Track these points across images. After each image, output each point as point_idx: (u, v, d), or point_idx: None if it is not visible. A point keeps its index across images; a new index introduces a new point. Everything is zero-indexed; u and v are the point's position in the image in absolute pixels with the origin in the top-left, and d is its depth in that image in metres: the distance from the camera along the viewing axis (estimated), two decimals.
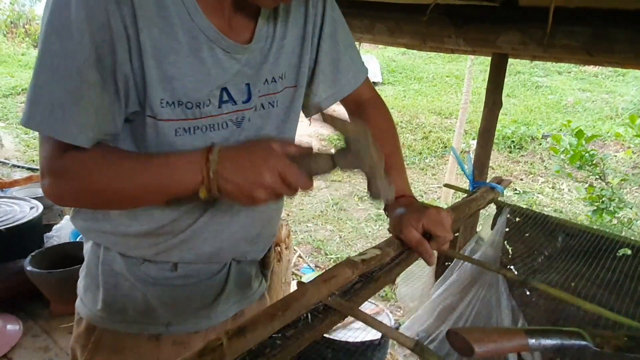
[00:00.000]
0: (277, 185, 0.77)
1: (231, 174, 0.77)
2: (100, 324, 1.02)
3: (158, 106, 0.82)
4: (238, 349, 0.72)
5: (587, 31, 1.30)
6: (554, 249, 1.42)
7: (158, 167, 0.81)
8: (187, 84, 0.82)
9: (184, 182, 0.79)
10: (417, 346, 0.79)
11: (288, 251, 3.08)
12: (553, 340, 0.79)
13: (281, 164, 0.78)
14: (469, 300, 1.65)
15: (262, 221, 1.08)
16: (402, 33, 1.68)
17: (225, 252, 1.04)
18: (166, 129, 0.84)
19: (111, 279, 1.00)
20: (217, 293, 1.06)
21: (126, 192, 0.82)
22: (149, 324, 1.01)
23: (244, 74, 0.90)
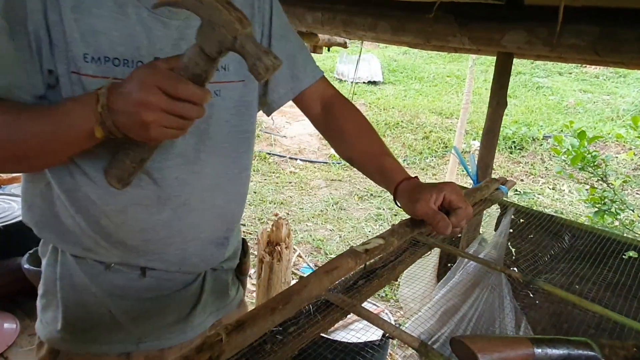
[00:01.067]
0: (163, 102, 0.69)
1: (119, 104, 0.71)
2: (62, 346, 0.94)
3: (81, 60, 0.79)
4: (238, 344, 0.70)
5: (594, 30, 1.28)
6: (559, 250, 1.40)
7: (52, 113, 0.76)
8: (113, 39, 0.80)
9: (78, 124, 0.74)
10: (422, 346, 0.78)
11: (288, 251, 3.06)
12: (560, 350, 0.77)
13: (159, 76, 0.70)
14: (471, 302, 1.64)
15: (226, 220, 1.04)
16: (406, 31, 1.66)
17: (194, 257, 0.99)
18: (92, 86, 0.79)
19: (72, 295, 0.93)
20: (192, 305, 1.02)
21: (24, 144, 0.76)
22: (118, 342, 0.95)
23: (178, 48, 0.85)
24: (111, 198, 0.87)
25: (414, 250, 1.13)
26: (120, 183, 0.85)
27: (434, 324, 1.66)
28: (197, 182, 0.94)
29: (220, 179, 0.99)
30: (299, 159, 7.08)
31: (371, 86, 10.52)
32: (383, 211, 5.59)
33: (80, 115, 0.73)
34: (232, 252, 1.10)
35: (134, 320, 0.95)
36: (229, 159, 0.99)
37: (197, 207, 0.96)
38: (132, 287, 0.94)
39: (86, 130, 0.74)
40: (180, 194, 0.92)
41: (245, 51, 0.70)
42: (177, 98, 0.70)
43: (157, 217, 0.91)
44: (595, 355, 0.77)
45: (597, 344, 0.79)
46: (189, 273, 1.00)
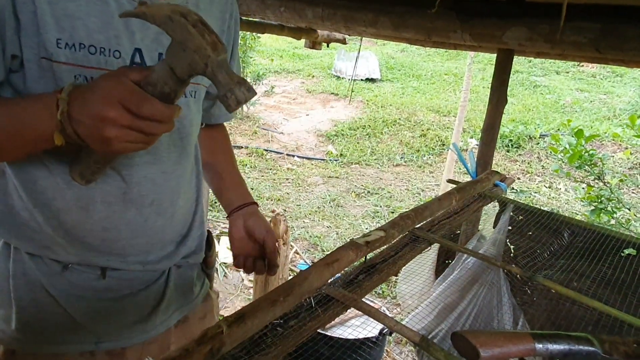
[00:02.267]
0: (125, 119, 0.65)
1: (79, 113, 0.67)
2: (17, 346, 0.91)
3: (54, 46, 0.74)
4: (238, 337, 0.70)
5: (596, 27, 1.28)
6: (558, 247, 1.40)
7: (14, 110, 0.72)
8: (90, 25, 0.76)
9: (37, 126, 0.70)
10: (422, 340, 0.78)
11: (285, 247, 3.06)
12: (560, 345, 0.77)
13: (124, 91, 0.65)
14: (469, 298, 1.64)
15: (187, 219, 1.03)
16: (407, 27, 1.66)
17: (155, 256, 0.96)
18: (64, 73, 0.76)
19: (27, 294, 0.88)
20: (155, 304, 0.98)
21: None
22: (76, 342, 0.91)
23: (158, 42, 0.83)
24: (73, 193, 0.84)
25: (414, 246, 1.13)
26: (83, 179, 0.81)
27: (432, 320, 1.66)
28: (165, 182, 0.92)
29: (185, 180, 0.98)
30: (296, 156, 7.08)
31: (369, 83, 10.51)
32: (380, 208, 5.59)
33: (39, 119, 0.70)
34: (196, 246, 1.07)
35: (92, 321, 0.91)
36: (194, 160, 1.02)
37: (165, 208, 0.93)
38: (91, 287, 0.91)
39: (46, 134, 0.70)
40: (148, 194, 0.89)
41: (217, 80, 0.66)
42: (141, 116, 0.66)
43: (120, 215, 0.88)
44: (596, 350, 0.77)
45: (598, 339, 0.79)
46: (152, 271, 0.97)
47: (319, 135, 7.96)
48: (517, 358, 0.80)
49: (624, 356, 0.79)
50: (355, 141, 7.75)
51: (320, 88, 10.16)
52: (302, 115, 8.85)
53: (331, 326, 2.61)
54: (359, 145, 7.60)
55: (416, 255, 1.10)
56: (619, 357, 0.78)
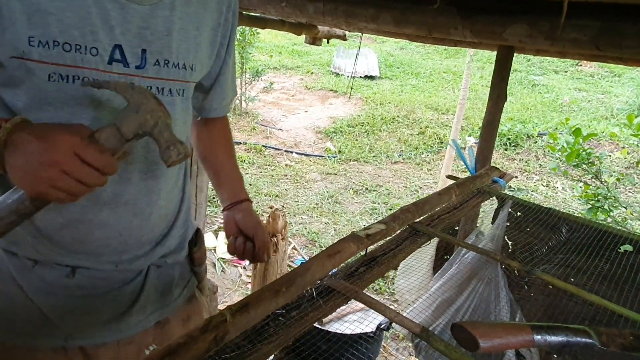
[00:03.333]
0: (69, 162, 0.65)
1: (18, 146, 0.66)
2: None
3: (26, 44, 0.72)
4: (242, 325, 0.71)
5: (596, 24, 1.29)
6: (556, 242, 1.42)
7: None
8: (65, 20, 0.73)
9: None
10: (423, 331, 0.79)
11: (284, 242, 3.07)
12: (558, 337, 0.78)
13: (76, 138, 0.67)
14: (467, 293, 1.65)
15: (167, 220, 1.00)
16: (408, 23, 1.66)
17: (128, 255, 0.93)
18: (37, 71, 0.74)
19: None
20: (129, 304, 0.95)
21: None
22: (46, 337, 0.89)
23: (142, 38, 0.81)
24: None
25: (414, 240, 1.14)
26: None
27: (430, 314, 1.67)
28: (142, 182, 0.89)
29: (167, 180, 0.95)
30: (295, 152, 7.08)
31: (368, 81, 10.51)
32: (378, 205, 5.61)
33: None
34: (176, 245, 1.04)
35: (61, 317, 0.89)
36: None
37: (141, 208, 0.91)
38: (61, 284, 0.89)
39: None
40: (122, 194, 0.87)
41: (162, 137, 0.75)
42: (86, 163, 0.67)
43: (93, 215, 0.85)
44: (593, 342, 0.78)
45: (595, 331, 0.80)
46: (126, 271, 0.95)
47: (318, 132, 7.97)
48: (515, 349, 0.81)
49: (621, 348, 0.80)
50: (353, 138, 7.75)
51: (319, 85, 10.15)
52: (301, 111, 8.85)
53: (329, 321, 2.62)
54: (357, 142, 7.61)
55: (416, 249, 1.11)
56: (615, 349, 0.80)
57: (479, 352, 0.74)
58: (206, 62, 0.97)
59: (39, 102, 0.77)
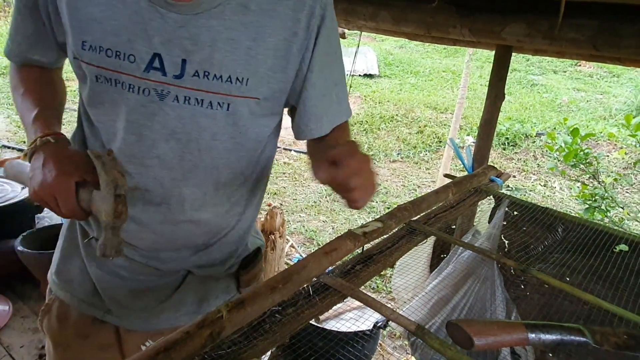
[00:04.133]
0: (46, 197, 0.79)
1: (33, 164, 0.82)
2: (53, 288, 1.05)
3: (79, 48, 0.83)
4: (238, 321, 0.71)
5: (594, 24, 1.29)
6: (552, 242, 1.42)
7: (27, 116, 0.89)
8: (107, 28, 0.81)
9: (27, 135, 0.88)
10: (418, 329, 0.79)
11: (282, 240, 3.07)
12: (553, 335, 0.78)
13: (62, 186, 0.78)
14: (463, 292, 1.66)
15: (208, 232, 1.00)
16: (407, 22, 1.66)
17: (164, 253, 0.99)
18: (89, 73, 0.85)
19: (66, 246, 1.04)
20: (163, 299, 1.01)
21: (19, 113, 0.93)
22: (92, 305, 1.01)
23: (183, 47, 0.80)
24: None
25: (411, 238, 1.14)
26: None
27: (426, 312, 1.68)
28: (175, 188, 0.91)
29: (214, 193, 0.95)
30: (293, 150, 7.07)
31: (367, 79, 10.50)
32: (376, 204, 5.61)
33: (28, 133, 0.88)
34: (220, 259, 1.05)
35: (104, 291, 1.00)
36: (223, 174, 0.93)
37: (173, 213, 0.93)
38: (112, 262, 0.99)
39: None
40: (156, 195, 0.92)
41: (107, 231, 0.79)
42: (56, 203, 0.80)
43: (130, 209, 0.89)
44: (587, 341, 0.79)
45: (589, 330, 0.80)
46: (170, 272, 1.02)
47: None
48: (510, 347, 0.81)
49: (615, 347, 0.80)
50: (352, 137, 7.75)
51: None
52: None
53: (325, 319, 2.63)
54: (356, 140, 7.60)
55: (412, 247, 1.12)
56: (609, 347, 0.80)
57: (474, 350, 0.75)
58: (270, 75, 0.85)
59: (93, 100, 0.89)
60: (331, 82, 0.94)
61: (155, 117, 0.85)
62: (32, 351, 2.01)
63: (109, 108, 0.87)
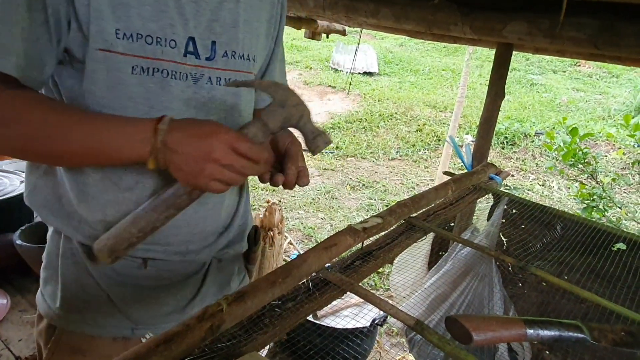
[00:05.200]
0: (229, 157, 0.73)
1: (182, 146, 0.72)
2: (58, 323, 0.93)
3: (113, 36, 0.74)
4: (238, 315, 0.71)
5: (595, 23, 1.29)
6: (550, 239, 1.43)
7: (103, 125, 0.73)
8: (144, 14, 0.75)
9: (129, 148, 0.72)
10: (417, 324, 0.79)
11: (280, 236, 3.07)
12: (551, 331, 0.79)
13: (232, 134, 0.74)
14: (462, 289, 1.66)
15: (230, 211, 1.02)
16: (408, 19, 1.66)
17: (196, 247, 0.96)
18: (122, 64, 0.76)
19: (72, 274, 0.90)
20: (192, 296, 0.99)
21: (57, 144, 0.72)
22: (113, 326, 0.93)
23: (212, 30, 0.83)
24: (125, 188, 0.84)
25: (410, 234, 1.14)
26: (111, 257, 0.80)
27: (424, 309, 1.68)
28: None
29: None
30: None
31: (366, 77, 10.50)
32: (374, 201, 5.62)
33: (133, 142, 0.72)
34: (234, 236, 1.06)
35: (130, 307, 0.93)
36: None
37: (206, 199, 0.93)
38: (132, 275, 0.92)
39: (136, 156, 0.73)
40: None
41: (307, 128, 0.82)
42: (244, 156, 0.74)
43: None
44: (585, 337, 0.79)
45: (587, 327, 0.81)
46: (192, 262, 0.98)
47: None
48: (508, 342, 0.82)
49: (612, 343, 0.81)
50: (351, 134, 7.75)
51: (318, 80, 10.13)
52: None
53: (323, 315, 2.63)
54: (355, 138, 7.61)
55: (411, 244, 1.12)
56: (607, 344, 0.81)
57: (472, 345, 0.75)
58: (263, 53, 0.98)
59: (119, 98, 0.78)
60: (283, 58, 1.07)
61: (191, 102, 0.84)
62: (30, 345, 2.01)
63: (144, 102, 0.79)
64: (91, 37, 0.73)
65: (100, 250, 0.80)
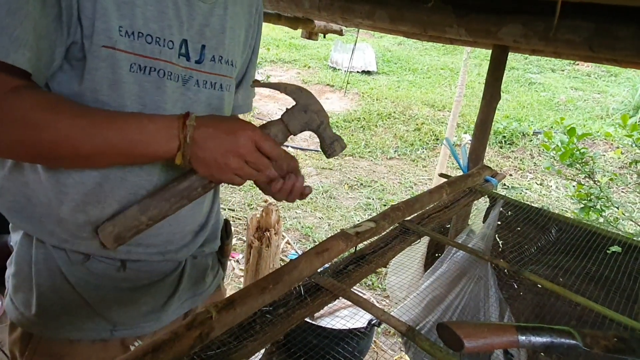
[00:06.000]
0: (252, 154, 0.78)
1: (209, 142, 0.76)
2: (35, 330, 0.91)
3: (117, 33, 0.74)
4: (227, 322, 0.71)
5: (590, 26, 1.29)
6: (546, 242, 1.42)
7: (128, 124, 0.74)
8: (147, 13, 0.77)
9: (156, 145, 0.75)
10: (409, 331, 0.79)
11: (277, 237, 3.07)
12: (543, 338, 0.78)
13: (257, 133, 0.80)
14: (457, 292, 1.66)
15: (206, 209, 1.04)
16: (403, 21, 1.66)
17: (173, 245, 0.97)
18: (122, 61, 0.76)
19: (47, 281, 0.88)
20: (169, 294, 1.00)
21: (86, 147, 0.72)
22: (92, 330, 0.92)
23: (202, 35, 0.87)
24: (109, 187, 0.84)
25: (404, 238, 1.14)
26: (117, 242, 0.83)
27: (419, 312, 1.68)
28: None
29: None
30: (290, 146, 7.07)
31: (365, 76, 10.48)
32: (372, 201, 5.61)
33: (161, 138, 0.75)
34: (210, 233, 1.08)
35: (109, 309, 0.92)
36: None
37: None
38: (110, 276, 0.91)
39: (163, 153, 0.76)
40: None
41: (326, 134, 0.89)
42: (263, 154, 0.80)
43: None
44: (577, 343, 0.79)
45: (579, 333, 0.80)
46: (170, 261, 0.98)
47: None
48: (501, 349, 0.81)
49: (604, 350, 0.81)
50: (349, 133, 7.74)
51: (316, 79, 10.12)
52: None
53: (320, 316, 2.63)
54: (353, 137, 7.60)
55: (406, 247, 1.11)
56: (599, 350, 0.80)
57: (464, 352, 0.75)
58: (240, 60, 1.01)
59: (119, 96, 0.78)
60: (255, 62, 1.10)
61: (178, 103, 0.86)
62: None
63: (135, 100, 0.79)
64: (96, 34, 0.74)
65: (105, 237, 0.82)
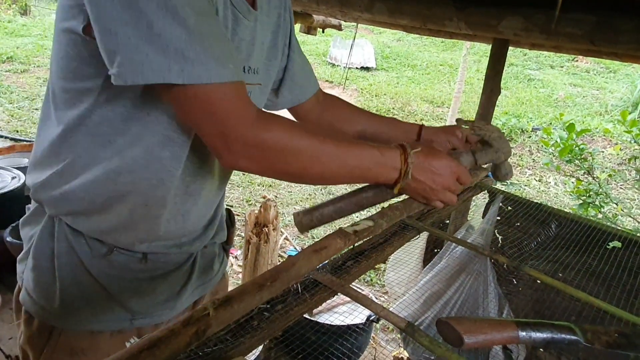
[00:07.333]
0: (454, 185, 0.93)
1: (422, 175, 0.90)
2: (58, 323, 0.91)
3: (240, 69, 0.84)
4: (225, 319, 0.70)
5: (591, 19, 1.28)
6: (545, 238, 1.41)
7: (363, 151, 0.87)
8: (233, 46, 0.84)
9: (382, 177, 0.89)
10: (408, 327, 0.78)
11: (275, 233, 3.06)
12: (544, 333, 0.78)
13: (460, 168, 0.94)
14: (456, 287, 1.65)
15: (214, 204, 1.08)
16: (403, 14, 1.64)
17: (187, 238, 1.01)
18: None
19: (69, 274, 0.90)
20: (183, 282, 1.04)
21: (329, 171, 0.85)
22: (113, 320, 0.94)
23: (239, 49, 0.91)
24: (154, 188, 0.87)
25: (403, 234, 1.13)
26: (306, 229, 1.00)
27: (418, 307, 1.67)
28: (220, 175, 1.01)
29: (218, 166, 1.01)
30: None
31: (364, 72, 10.46)
32: None
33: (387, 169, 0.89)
34: (219, 225, 1.12)
35: (129, 299, 0.94)
36: None
37: (208, 196, 1.00)
38: (130, 268, 0.94)
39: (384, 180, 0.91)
40: (204, 187, 0.96)
41: (504, 165, 1.12)
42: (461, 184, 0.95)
43: (180, 207, 0.93)
44: (578, 339, 0.78)
45: (580, 328, 0.80)
46: (184, 253, 1.02)
47: None
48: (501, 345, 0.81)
49: (606, 345, 0.80)
50: None
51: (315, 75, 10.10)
52: None
53: (319, 312, 2.62)
54: None
55: (405, 243, 1.10)
56: (600, 346, 0.79)
57: (464, 348, 0.74)
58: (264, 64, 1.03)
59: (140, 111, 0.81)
60: (304, 58, 1.17)
61: None
62: None
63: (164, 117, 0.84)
64: None
65: (299, 222, 0.98)
